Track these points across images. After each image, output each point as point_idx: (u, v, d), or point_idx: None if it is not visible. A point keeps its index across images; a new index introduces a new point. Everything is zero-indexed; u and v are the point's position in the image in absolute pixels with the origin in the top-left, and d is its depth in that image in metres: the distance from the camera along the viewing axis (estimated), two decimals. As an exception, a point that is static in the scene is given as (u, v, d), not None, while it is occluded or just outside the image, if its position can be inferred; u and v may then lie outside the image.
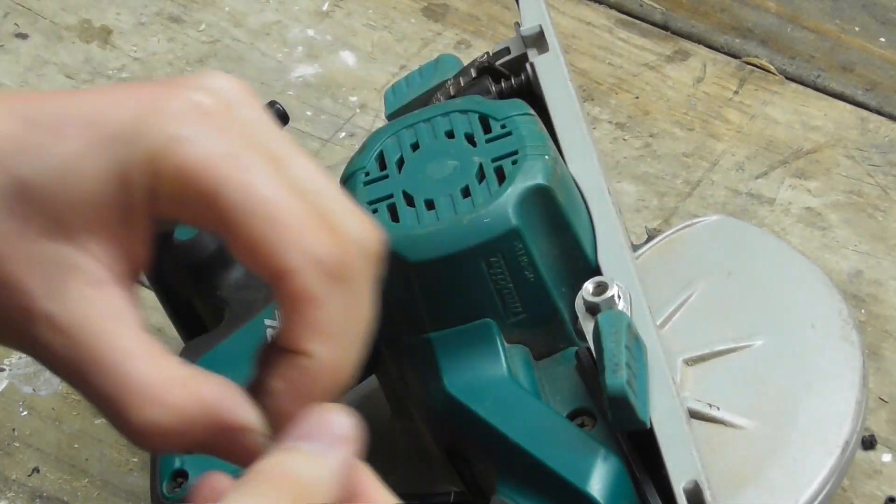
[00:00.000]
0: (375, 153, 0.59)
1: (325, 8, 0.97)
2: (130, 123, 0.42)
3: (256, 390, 0.43)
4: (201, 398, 0.42)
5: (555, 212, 0.58)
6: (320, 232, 0.42)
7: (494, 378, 0.58)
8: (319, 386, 0.43)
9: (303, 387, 0.43)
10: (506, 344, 0.56)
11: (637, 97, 0.91)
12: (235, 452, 0.43)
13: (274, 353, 0.43)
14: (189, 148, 0.42)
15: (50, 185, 0.42)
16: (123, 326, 0.42)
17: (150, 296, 0.80)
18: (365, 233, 0.44)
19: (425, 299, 0.55)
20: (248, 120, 0.43)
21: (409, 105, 0.81)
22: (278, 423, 0.43)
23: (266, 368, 0.43)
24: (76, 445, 0.76)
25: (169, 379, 0.42)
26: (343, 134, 0.90)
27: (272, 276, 0.42)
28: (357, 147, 0.62)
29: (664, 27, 0.95)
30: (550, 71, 0.68)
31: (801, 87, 0.91)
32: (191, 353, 0.68)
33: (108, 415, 0.42)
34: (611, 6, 0.96)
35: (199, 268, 0.69)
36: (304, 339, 0.42)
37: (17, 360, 0.80)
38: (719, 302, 0.71)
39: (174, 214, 0.43)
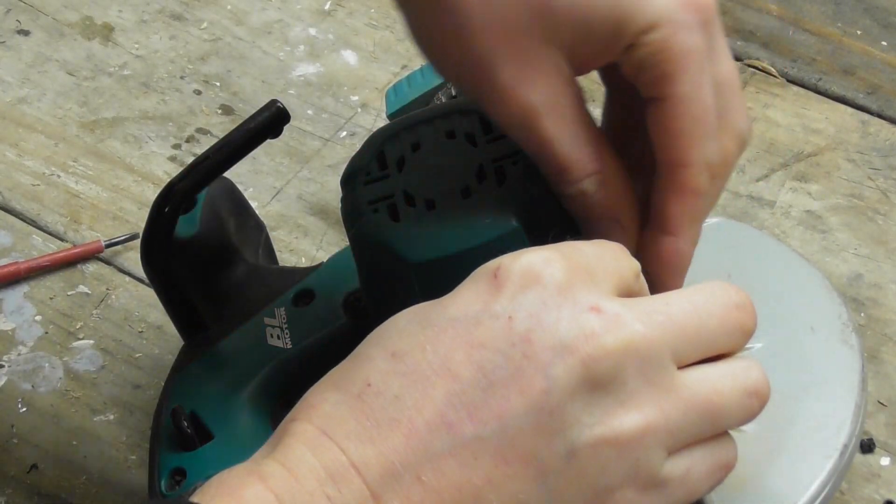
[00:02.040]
0: (376, 153, 0.59)
1: (326, 7, 0.97)
2: None
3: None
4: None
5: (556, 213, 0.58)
6: (718, 137, 0.52)
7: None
8: (680, 264, 0.54)
9: (670, 263, 0.54)
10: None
11: (638, 99, 0.90)
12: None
13: (651, 232, 0.54)
14: (676, 33, 0.50)
15: (571, 11, 0.50)
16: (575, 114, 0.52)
17: (150, 293, 0.80)
18: (745, 126, 0.53)
19: (426, 299, 0.55)
20: (721, 46, 0.53)
21: (410, 105, 0.81)
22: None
23: (643, 245, 0.54)
24: (74, 443, 0.76)
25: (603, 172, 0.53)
26: (344, 133, 0.90)
27: (673, 162, 0.52)
28: (358, 146, 0.61)
29: (666, 29, 0.95)
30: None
31: (802, 90, 0.91)
32: (190, 352, 0.68)
33: (552, 168, 0.53)
34: (613, 7, 0.96)
35: (199, 266, 0.69)
36: (679, 224, 0.53)
37: (17, 356, 0.80)
38: (719, 304, 0.71)
39: (625, 70, 0.52)
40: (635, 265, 0.51)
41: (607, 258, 0.50)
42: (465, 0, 0.50)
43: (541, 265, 0.48)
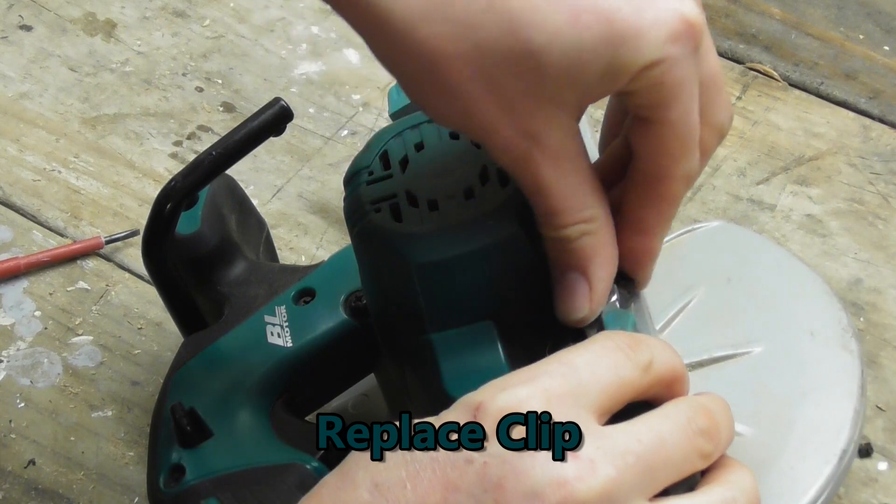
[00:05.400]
0: (379, 152, 0.59)
1: (329, 5, 0.97)
2: (638, 30, 0.49)
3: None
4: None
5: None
6: (697, 156, 0.53)
7: (495, 380, 0.57)
8: (652, 260, 0.56)
9: (642, 260, 0.55)
10: (507, 346, 0.56)
11: (640, 101, 0.90)
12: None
13: (625, 232, 0.55)
14: (672, 69, 0.50)
15: (560, 62, 0.49)
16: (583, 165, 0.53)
17: (149, 290, 0.80)
18: (726, 118, 0.55)
19: (427, 300, 0.55)
20: (707, 48, 0.52)
21: (413, 104, 0.80)
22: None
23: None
24: (72, 438, 0.76)
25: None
26: (345, 132, 0.90)
27: (656, 176, 0.53)
28: (359, 145, 0.62)
29: (668, 31, 0.95)
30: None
31: (804, 94, 0.91)
32: (190, 349, 0.68)
33: (541, 209, 0.53)
34: (615, 9, 0.96)
35: (200, 263, 0.69)
36: (654, 226, 0.54)
37: (16, 352, 0.80)
38: (719, 308, 0.71)
39: (617, 92, 0.52)
40: (642, 360, 0.50)
41: (602, 368, 0.49)
42: (453, 67, 0.50)
43: (517, 407, 0.47)
